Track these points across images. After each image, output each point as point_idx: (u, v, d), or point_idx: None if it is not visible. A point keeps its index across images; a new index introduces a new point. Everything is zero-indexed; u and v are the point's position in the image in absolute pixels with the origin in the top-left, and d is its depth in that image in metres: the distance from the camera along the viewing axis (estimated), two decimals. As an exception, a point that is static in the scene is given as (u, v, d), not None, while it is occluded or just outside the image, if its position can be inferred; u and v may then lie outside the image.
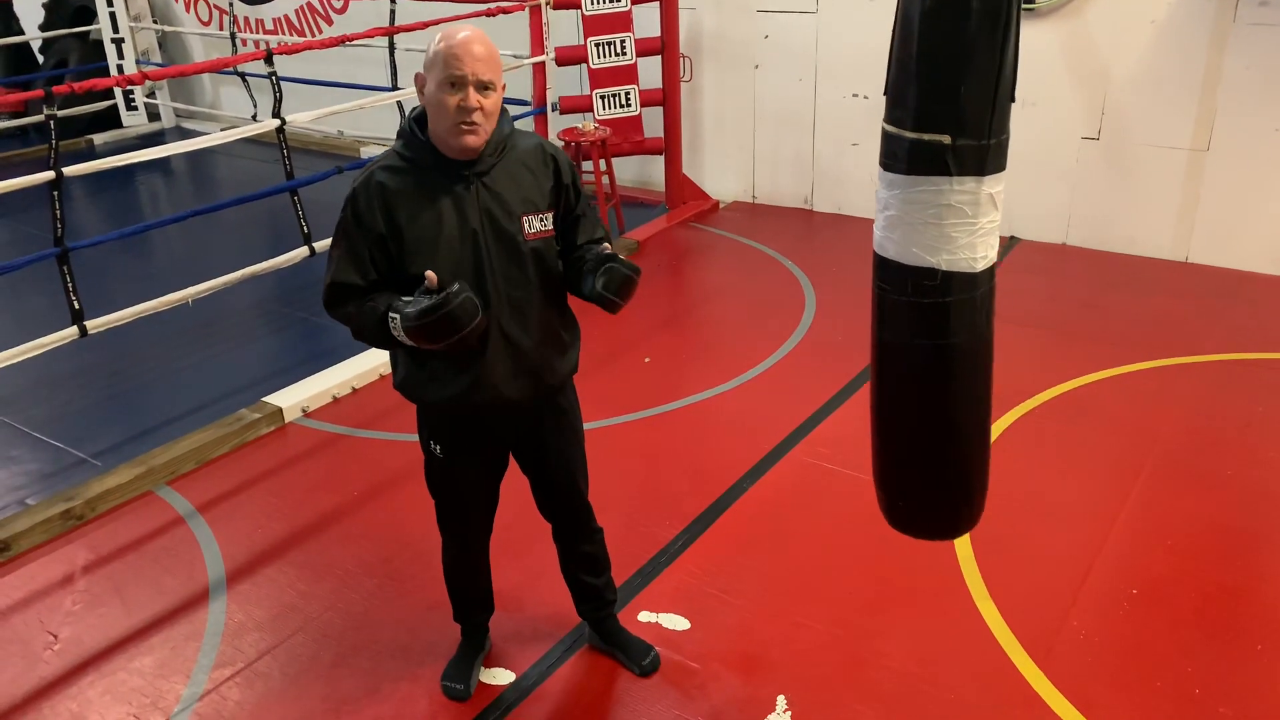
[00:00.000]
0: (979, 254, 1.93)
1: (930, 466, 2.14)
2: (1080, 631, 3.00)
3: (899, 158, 1.90)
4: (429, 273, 2.22)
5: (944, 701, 2.77)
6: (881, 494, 2.26)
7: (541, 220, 2.40)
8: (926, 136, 1.84)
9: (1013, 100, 1.86)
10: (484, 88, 2.24)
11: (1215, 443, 3.96)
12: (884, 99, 1.95)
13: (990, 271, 1.98)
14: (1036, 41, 5.65)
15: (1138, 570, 3.25)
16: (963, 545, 3.37)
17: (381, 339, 2.33)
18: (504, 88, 2.33)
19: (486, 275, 2.34)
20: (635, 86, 6.58)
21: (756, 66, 6.85)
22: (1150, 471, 3.78)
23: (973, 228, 1.90)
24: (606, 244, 2.51)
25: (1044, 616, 3.06)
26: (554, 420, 2.60)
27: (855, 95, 6.51)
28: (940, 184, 1.86)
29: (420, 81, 2.29)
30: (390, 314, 2.28)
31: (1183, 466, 3.81)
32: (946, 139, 1.82)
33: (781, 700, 2.79)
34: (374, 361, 4.79)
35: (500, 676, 2.91)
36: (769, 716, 2.74)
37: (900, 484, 2.22)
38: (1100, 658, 2.90)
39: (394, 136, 2.43)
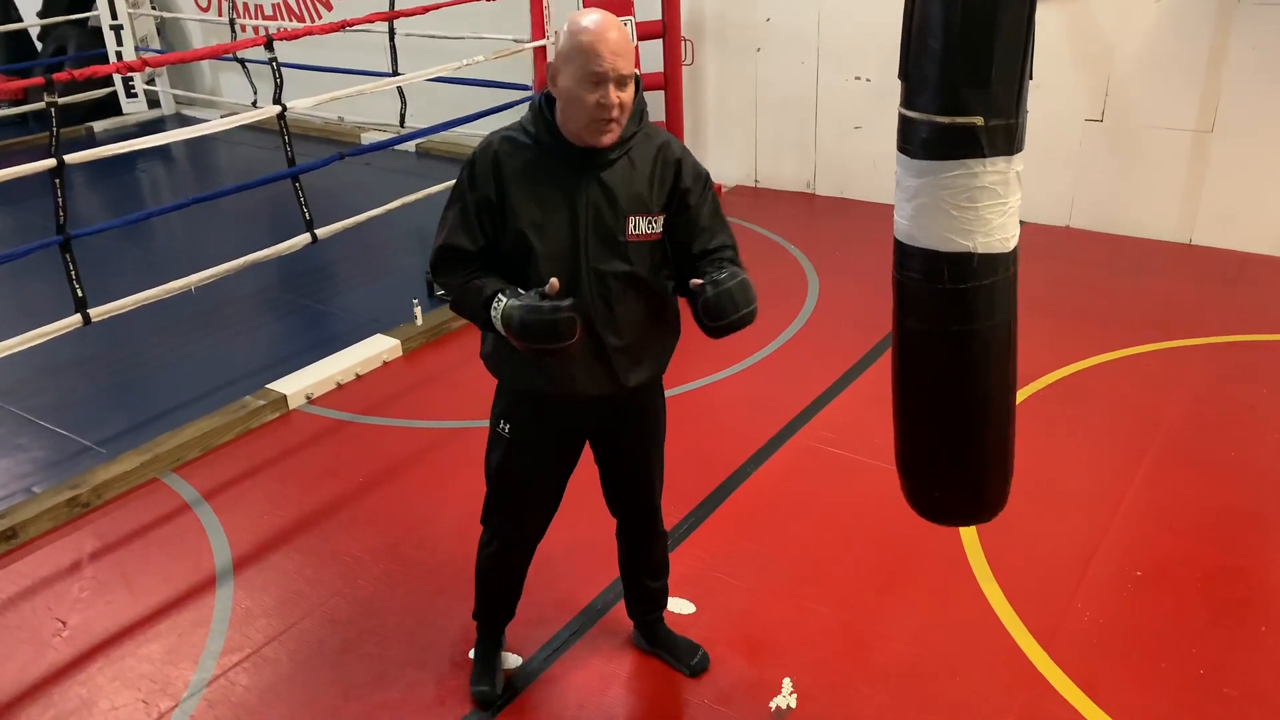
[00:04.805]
0: (1009, 233, 1.94)
1: (967, 452, 2.12)
2: (1085, 614, 3.01)
3: (928, 143, 1.87)
4: (553, 280, 2.16)
5: (949, 684, 2.78)
6: (908, 482, 2.22)
7: (649, 223, 2.29)
8: (960, 120, 1.82)
9: (1030, 78, 1.86)
10: (623, 83, 2.18)
11: (1220, 425, 3.95)
12: (899, 84, 1.92)
13: (1016, 250, 1.98)
14: (1040, 23, 5.61)
15: (1142, 552, 3.26)
16: (967, 528, 3.37)
17: (477, 319, 2.31)
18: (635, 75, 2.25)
19: (581, 268, 2.27)
20: (637, 70, 6.54)
21: (759, 50, 6.82)
22: (1155, 454, 3.78)
23: (1005, 207, 1.89)
24: (727, 264, 2.31)
25: (1049, 599, 3.07)
26: (634, 420, 2.53)
27: (858, 78, 6.48)
28: (974, 166, 1.85)
29: (552, 71, 2.21)
30: (496, 301, 2.22)
31: (1187, 449, 3.81)
32: (980, 120, 1.81)
33: (787, 683, 2.80)
34: (378, 348, 4.79)
35: (507, 661, 2.92)
36: (775, 699, 2.75)
37: (930, 472, 2.18)
38: (1105, 640, 2.91)
39: (395, 123, 2.42)
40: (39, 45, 10.04)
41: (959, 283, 1.94)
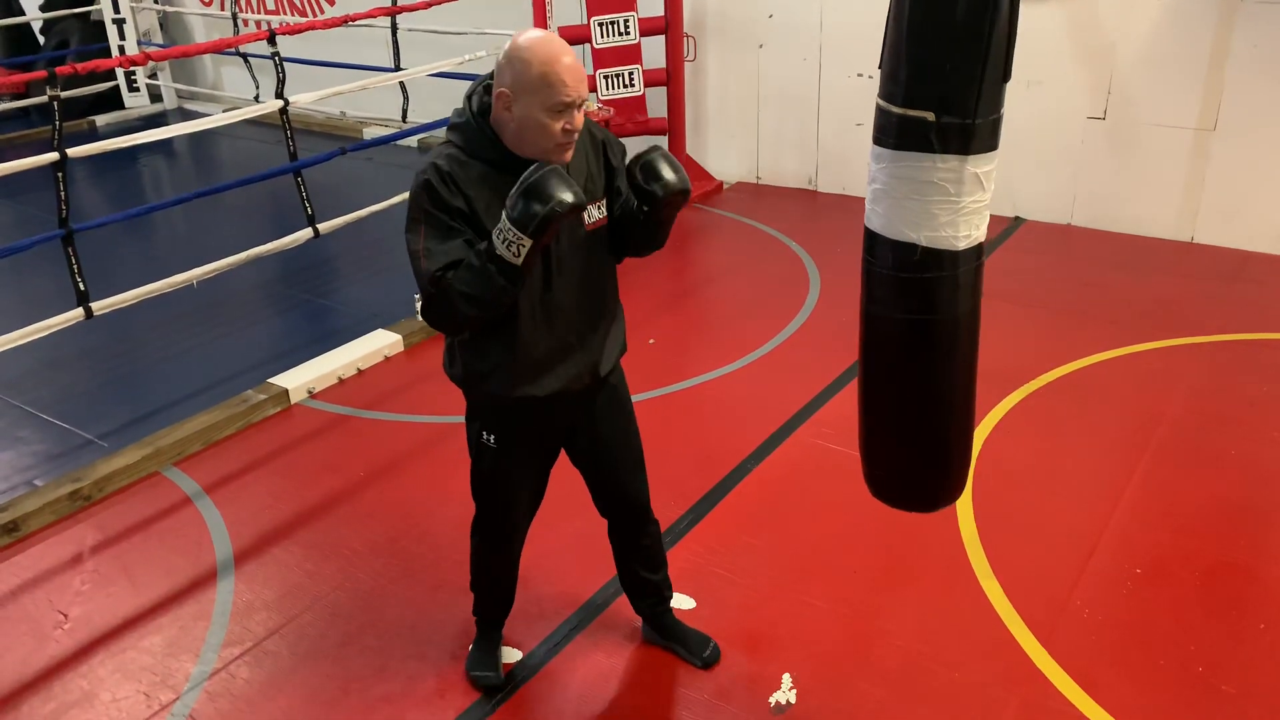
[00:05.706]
0: (961, 233, 1.93)
1: (908, 439, 2.16)
2: (1084, 610, 3.01)
3: (888, 133, 1.92)
4: None
5: (948, 679, 2.79)
6: (864, 464, 2.28)
7: (599, 208, 2.38)
8: (912, 113, 1.84)
9: (1007, 79, 1.85)
10: (582, 104, 2.20)
11: (1219, 422, 3.96)
12: (879, 73, 1.96)
13: (974, 251, 1.97)
14: (1041, 20, 5.62)
15: (1141, 549, 3.26)
16: (967, 524, 3.38)
17: (492, 281, 2.16)
18: None
19: (554, 270, 2.32)
20: (639, 66, 6.54)
21: (761, 46, 6.82)
22: (1154, 451, 3.78)
23: (955, 206, 1.90)
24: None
25: (1048, 595, 3.08)
26: (608, 400, 2.57)
27: (860, 75, 6.47)
28: (924, 160, 1.87)
29: (505, 100, 2.17)
30: (493, 233, 2.15)
31: (1187, 446, 3.82)
32: (930, 116, 1.82)
33: (787, 678, 2.81)
34: (379, 343, 4.80)
35: (508, 655, 2.93)
36: (775, 694, 2.76)
37: (880, 454, 2.24)
38: (1103, 636, 2.92)
39: (397, 118, 2.41)
40: (41, 39, 10.05)
41: (902, 271, 1.97)
